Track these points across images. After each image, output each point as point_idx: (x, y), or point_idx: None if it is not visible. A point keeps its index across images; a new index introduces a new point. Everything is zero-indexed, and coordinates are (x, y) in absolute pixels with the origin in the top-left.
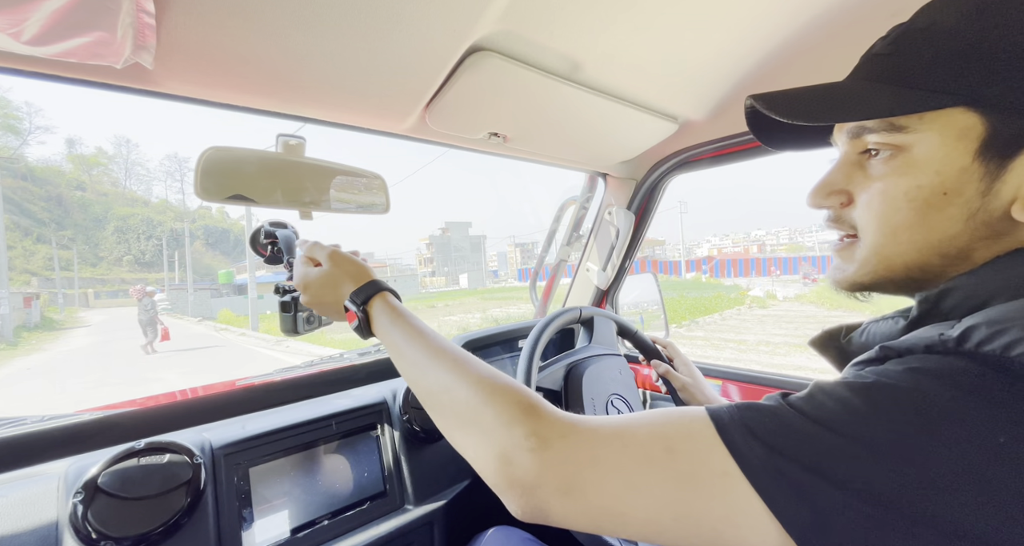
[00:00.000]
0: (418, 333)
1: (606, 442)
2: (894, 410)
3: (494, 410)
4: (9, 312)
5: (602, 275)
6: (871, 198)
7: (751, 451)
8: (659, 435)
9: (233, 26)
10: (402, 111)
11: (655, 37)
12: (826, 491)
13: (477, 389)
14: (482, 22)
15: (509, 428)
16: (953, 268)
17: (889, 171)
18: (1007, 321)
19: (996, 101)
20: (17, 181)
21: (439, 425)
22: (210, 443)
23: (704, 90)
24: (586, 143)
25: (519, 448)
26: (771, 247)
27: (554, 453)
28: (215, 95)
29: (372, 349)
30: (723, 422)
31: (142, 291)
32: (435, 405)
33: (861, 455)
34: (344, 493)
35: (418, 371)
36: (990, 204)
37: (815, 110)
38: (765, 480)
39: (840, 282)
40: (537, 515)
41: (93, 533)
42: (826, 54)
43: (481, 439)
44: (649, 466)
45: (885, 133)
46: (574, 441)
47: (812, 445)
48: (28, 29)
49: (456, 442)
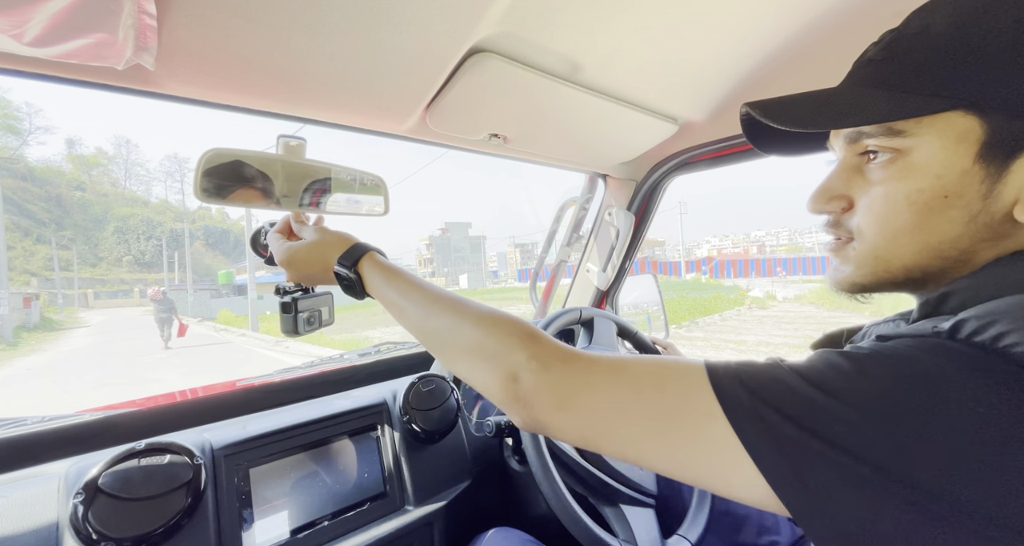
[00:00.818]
0: (413, 284)
1: (601, 371)
2: (887, 376)
3: (498, 339)
4: (9, 312)
5: (602, 276)
6: (872, 202)
7: (735, 395)
8: (652, 373)
9: (234, 27)
10: (402, 112)
11: (655, 38)
12: (805, 443)
13: (480, 323)
14: (483, 24)
15: (513, 353)
16: (954, 270)
17: (889, 175)
18: (996, 314)
19: (994, 103)
20: (17, 181)
21: (443, 360)
22: (210, 444)
23: (704, 91)
24: (586, 144)
25: (523, 369)
26: (771, 248)
27: (552, 375)
28: (216, 96)
29: (372, 350)
30: (716, 371)
31: (158, 293)
32: (440, 344)
33: (846, 415)
34: (344, 494)
35: (419, 317)
36: (991, 206)
37: (812, 117)
38: (745, 423)
39: (840, 283)
40: (536, 426)
41: (93, 534)
42: (827, 56)
43: (488, 364)
44: (638, 397)
45: (883, 137)
46: (572, 367)
47: (798, 399)
48: (30, 30)
49: (462, 372)
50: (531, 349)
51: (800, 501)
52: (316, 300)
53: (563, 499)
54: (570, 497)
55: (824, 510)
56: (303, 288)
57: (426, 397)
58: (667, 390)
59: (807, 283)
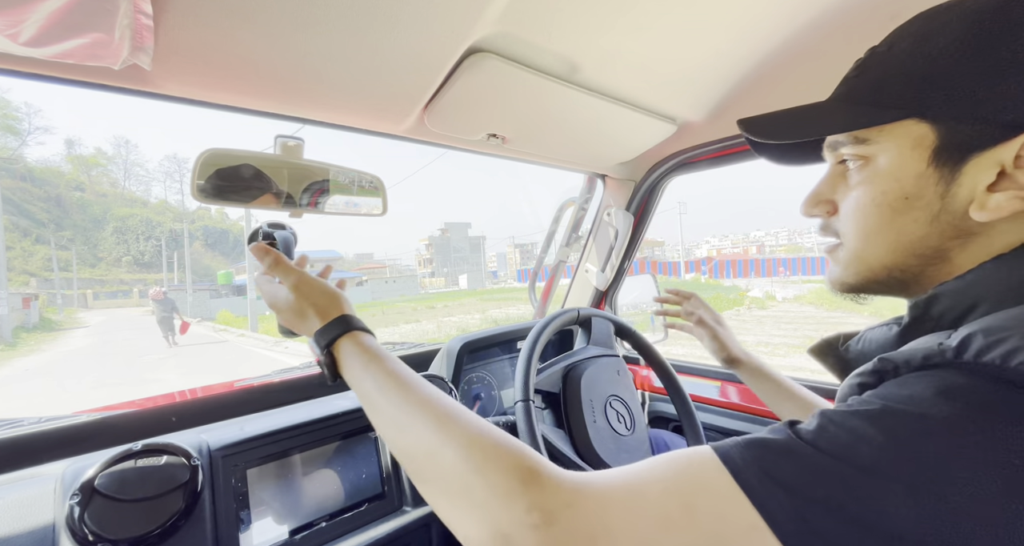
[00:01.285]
0: (395, 381)
1: (617, 507)
2: (909, 438)
3: (488, 480)
4: (8, 313)
5: (601, 276)
6: (848, 205)
7: (773, 499)
8: (674, 492)
9: (231, 27)
10: (400, 112)
11: (653, 38)
12: (852, 534)
13: (467, 453)
14: (480, 23)
15: (507, 501)
16: (933, 268)
17: (861, 180)
18: (1005, 330)
19: (941, 112)
20: (16, 182)
21: (422, 492)
22: (208, 444)
23: (702, 92)
24: (585, 144)
25: (520, 525)
26: (770, 248)
27: (561, 529)
28: (213, 96)
29: None
30: (736, 466)
31: (159, 293)
32: (416, 470)
33: (882, 489)
34: (342, 495)
35: (395, 429)
36: (950, 205)
37: (789, 129)
38: (791, 531)
39: (834, 283)
40: None
41: (90, 535)
42: (824, 56)
43: (473, 513)
44: (669, 529)
45: (852, 146)
46: (582, 511)
47: (832, 483)
48: (26, 30)
49: (442, 514)
50: (531, 496)
51: None
52: None
53: None
54: None
55: None
56: None
57: None
58: (697, 509)
59: (807, 283)
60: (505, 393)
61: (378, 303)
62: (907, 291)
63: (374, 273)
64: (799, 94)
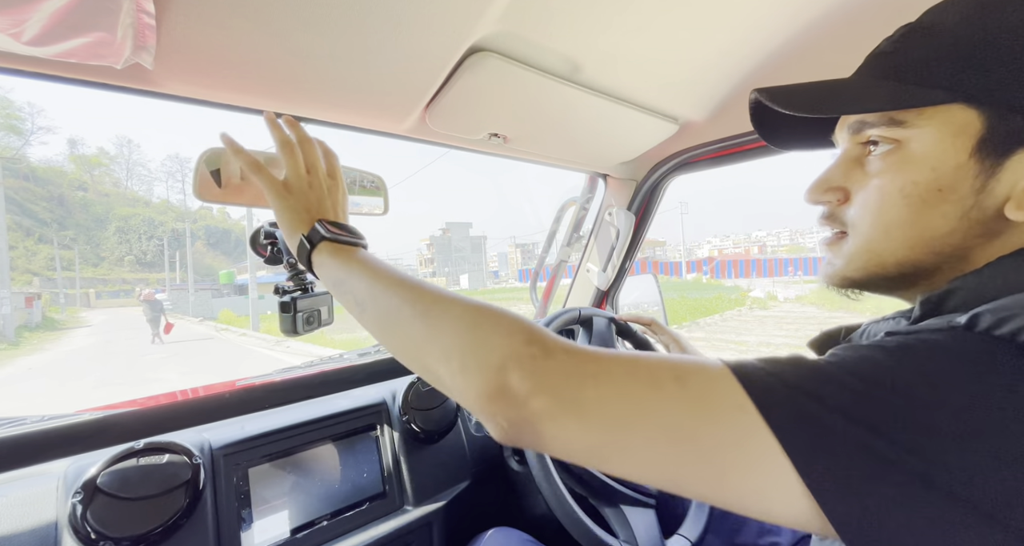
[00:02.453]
0: (385, 268)
1: (612, 362)
2: (920, 361)
3: (492, 324)
4: (11, 312)
5: (602, 276)
6: (867, 194)
7: (768, 386)
8: (669, 366)
9: (233, 26)
10: (402, 112)
11: (655, 37)
12: (858, 439)
13: (466, 310)
14: (482, 22)
15: (509, 336)
16: (949, 267)
17: (886, 167)
18: (1013, 308)
19: (994, 98)
20: (19, 181)
21: (408, 348)
22: (209, 443)
23: (705, 90)
24: (586, 144)
25: (518, 356)
26: (772, 248)
27: (557, 363)
28: (215, 95)
29: (372, 350)
30: (741, 365)
31: (150, 295)
32: (407, 331)
33: (882, 400)
34: (343, 494)
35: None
36: (984, 202)
37: (816, 103)
38: (781, 417)
39: (831, 277)
40: (524, 433)
41: (92, 533)
42: (827, 55)
43: (472, 351)
44: (657, 390)
45: (884, 127)
46: (580, 356)
47: (831, 385)
48: (28, 29)
49: (430, 362)
50: (533, 333)
51: (848, 508)
52: (315, 300)
53: (563, 499)
54: (570, 497)
55: (878, 521)
56: (302, 288)
57: (425, 397)
58: (689, 383)
59: (808, 283)
60: None
61: None
62: (911, 288)
63: None
64: None
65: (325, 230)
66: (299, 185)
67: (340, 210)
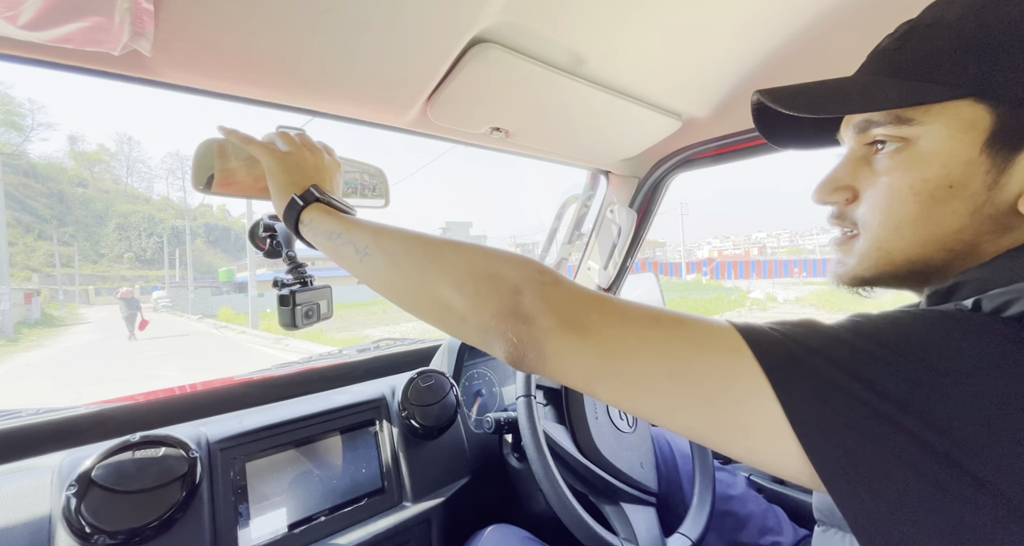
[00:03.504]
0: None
1: (616, 301)
2: (928, 327)
3: (504, 257)
4: (10, 308)
5: (603, 274)
6: (876, 193)
7: (766, 335)
8: (671, 313)
9: (233, 14)
10: (403, 104)
11: (660, 32)
12: (852, 391)
13: (476, 249)
14: (485, 13)
15: (523, 267)
16: (959, 262)
17: (895, 165)
18: (1015, 292)
19: (1002, 93)
20: (19, 178)
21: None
22: (206, 437)
23: (708, 87)
24: (589, 139)
25: (531, 281)
26: (772, 250)
27: (564, 289)
28: (214, 85)
29: (371, 346)
30: (740, 322)
31: (128, 293)
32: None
33: (887, 358)
34: (342, 489)
35: (393, 246)
36: (996, 197)
37: (822, 103)
38: (775, 362)
39: (841, 276)
40: (529, 350)
41: (86, 526)
42: (832, 51)
43: (486, 278)
44: (656, 324)
45: (891, 126)
46: (586, 292)
47: (827, 339)
48: (24, 12)
49: (440, 293)
50: (541, 266)
51: (835, 456)
52: (314, 293)
53: (563, 497)
54: (570, 495)
55: (864, 471)
56: (301, 281)
57: (425, 393)
58: (689, 323)
59: (808, 285)
60: (506, 390)
61: (380, 301)
62: (923, 284)
63: None
64: None
65: (319, 192)
66: (295, 151)
67: (335, 186)
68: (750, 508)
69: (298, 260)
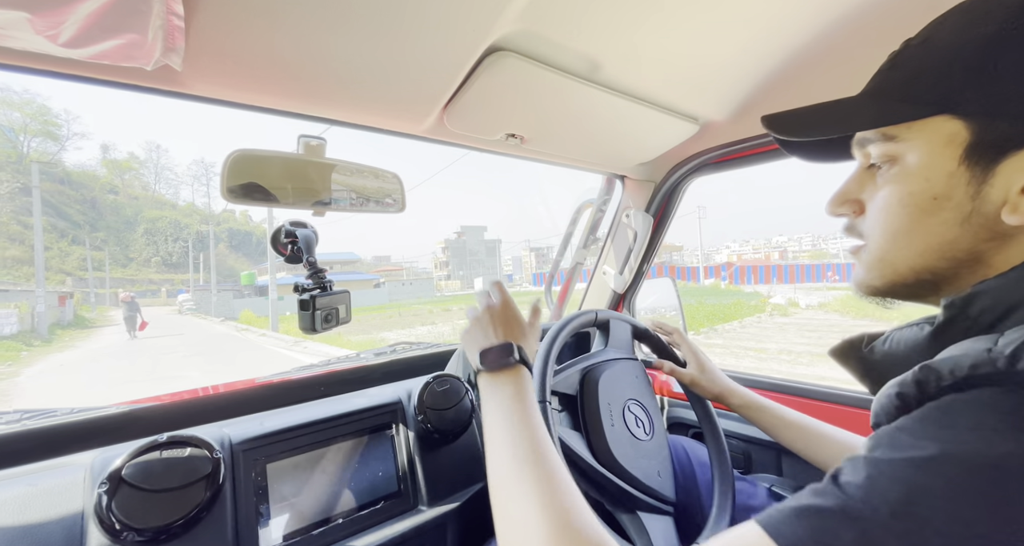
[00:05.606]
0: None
1: None
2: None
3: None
4: (45, 310)
5: (619, 279)
6: (875, 206)
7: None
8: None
9: (259, 27)
10: (421, 112)
11: (676, 36)
12: None
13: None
14: (501, 22)
15: None
16: (968, 271)
17: (889, 179)
18: None
19: (975, 108)
20: (55, 185)
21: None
22: (229, 438)
23: (726, 90)
24: (604, 144)
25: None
26: (793, 254)
27: None
28: (239, 96)
29: (388, 349)
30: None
31: (128, 296)
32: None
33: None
34: (358, 492)
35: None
36: (982, 207)
37: (813, 126)
38: None
39: (859, 286)
40: None
41: (116, 524)
42: (854, 53)
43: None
44: None
45: (880, 143)
46: None
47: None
48: (65, 31)
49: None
50: None
51: None
52: (333, 298)
53: None
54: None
55: None
56: (321, 286)
57: (441, 397)
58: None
59: (832, 290)
60: None
61: (395, 305)
62: (938, 294)
63: (391, 275)
64: (828, 92)
65: (480, 361)
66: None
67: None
68: None
69: (318, 265)
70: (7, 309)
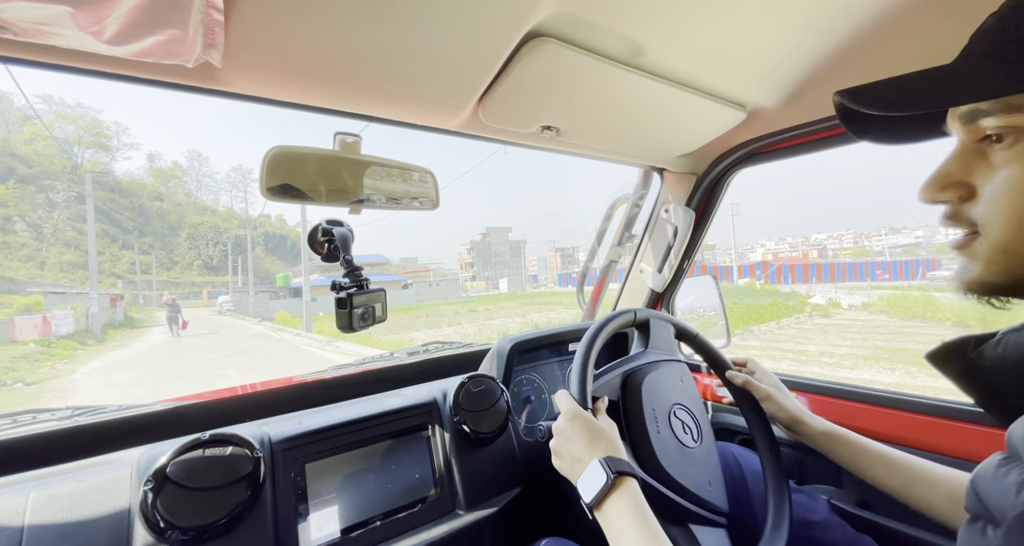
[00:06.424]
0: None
1: None
2: None
3: None
4: (98, 311)
5: (657, 277)
6: (995, 188)
7: None
8: None
9: (296, 21)
10: (456, 105)
11: (724, 16)
12: None
13: None
14: (540, 5)
15: None
16: None
17: (1014, 156)
18: None
19: None
20: (107, 193)
21: None
22: (269, 437)
23: (777, 74)
24: (644, 135)
25: None
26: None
27: None
28: (278, 93)
29: (420, 349)
30: None
31: (170, 298)
32: None
33: None
34: (396, 493)
35: None
36: None
37: (916, 98)
38: None
39: (968, 283)
40: None
41: (161, 522)
42: (921, 32)
43: None
44: None
45: (1004, 115)
46: None
47: None
48: (108, 27)
49: None
50: None
51: None
52: (370, 296)
53: None
54: None
55: None
56: (358, 284)
57: (476, 398)
58: None
59: (876, 289)
60: None
61: (422, 306)
62: None
63: (418, 277)
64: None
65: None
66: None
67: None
68: (835, 537)
69: (355, 263)
70: (64, 311)
